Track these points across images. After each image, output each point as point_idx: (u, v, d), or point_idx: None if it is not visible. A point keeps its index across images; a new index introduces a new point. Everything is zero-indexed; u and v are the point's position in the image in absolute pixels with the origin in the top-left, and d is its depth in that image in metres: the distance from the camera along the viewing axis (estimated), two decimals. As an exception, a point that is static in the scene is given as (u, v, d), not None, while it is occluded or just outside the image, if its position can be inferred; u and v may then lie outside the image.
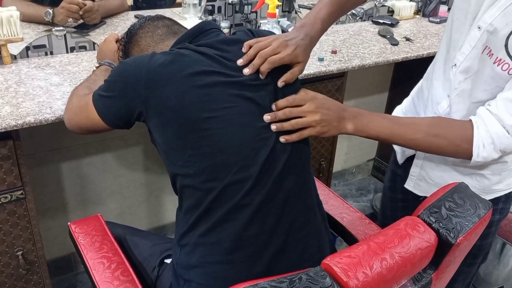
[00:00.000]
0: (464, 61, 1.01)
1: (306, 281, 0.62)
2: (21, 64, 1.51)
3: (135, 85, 0.91)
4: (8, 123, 1.17)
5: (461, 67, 1.02)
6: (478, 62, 0.99)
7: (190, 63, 0.91)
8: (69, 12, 1.58)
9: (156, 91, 0.90)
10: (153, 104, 0.91)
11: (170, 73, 0.90)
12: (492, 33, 0.94)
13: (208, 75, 0.91)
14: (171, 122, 0.90)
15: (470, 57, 1.00)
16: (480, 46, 0.97)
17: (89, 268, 1.04)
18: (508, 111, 0.92)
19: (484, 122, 0.95)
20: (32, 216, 1.32)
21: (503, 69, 0.94)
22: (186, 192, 0.93)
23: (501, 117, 0.93)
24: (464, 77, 1.02)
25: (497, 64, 0.94)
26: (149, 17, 1.15)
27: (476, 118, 0.97)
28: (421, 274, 0.78)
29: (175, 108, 0.89)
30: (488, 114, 0.95)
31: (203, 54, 0.94)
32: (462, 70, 1.02)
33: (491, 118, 0.94)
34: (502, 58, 0.94)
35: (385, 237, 0.72)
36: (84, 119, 1.02)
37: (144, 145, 1.83)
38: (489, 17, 0.94)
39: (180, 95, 0.89)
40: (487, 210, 0.81)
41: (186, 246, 0.95)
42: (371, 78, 2.40)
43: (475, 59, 0.99)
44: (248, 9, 1.87)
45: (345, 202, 1.30)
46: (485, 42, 0.96)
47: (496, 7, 0.93)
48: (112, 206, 1.88)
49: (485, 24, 0.95)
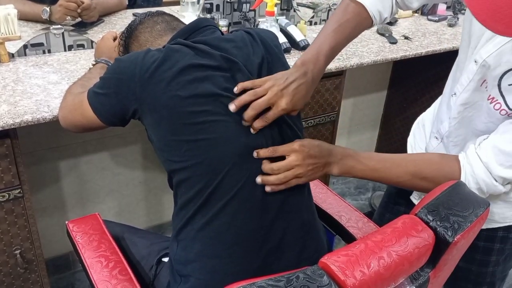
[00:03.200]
0: (463, 92, 0.98)
1: (304, 280, 0.62)
2: (19, 62, 1.51)
3: (130, 83, 0.91)
4: (6, 122, 1.17)
5: (460, 99, 0.99)
6: (477, 94, 0.96)
7: (180, 58, 0.91)
8: (67, 10, 1.57)
9: (149, 88, 0.90)
10: (147, 101, 0.91)
11: (163, 70, 0.90)
12: (487, 69, 0.91)
13: (198, 68, 0.91)
14: (165, 119, 0.90)
15: (468, 89, 0.97)
16: (478, 80, 0.95)
17: (86, 267, 1.04)
18: (497, 160, 0.89)
19: (472, 168, 0.92)
20: (30, 214, 1.32)
21: (496, 108, 0.91)
22: (183, 186, 0.93)
23: (490, 166, 0.90)
24: (464, 107, 0.99)
25: (490, 102, 0.92)
26: (150, 13, 1.15)
27: (464, 161, 0.93)
28: (419, 273, 0.78)
29: (167, 105, 0.89)
30: (477, 160, 0.91)
31: (194, 48, 0.94)
32: (462, 102, 0.99)
33: (479, 165, 0.91)
34: (495, 96, 0.91)
35: (383, 235, 0.72)
36: (79, 116, 1.02)
37: (142, 143, 1.83)
38: (485, 52, 0.91)
39: (171, 91, 0.89)
40: (485, 209, 0.81)
41: (184, 240, 0.95)
42: (369, 77, 2.40)
43: (474, 91, 0.96)
44: (246, 7, 1.87)
45: (343, 201, 1.30)
46: (482, 76, 0.94)
47: (493, 43, 0.90)
48: (111, 204, 1.88)
49: (481, 59, 0.92)
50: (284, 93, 0.89)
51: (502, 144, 0.88)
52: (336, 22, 1.01)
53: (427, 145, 1.15)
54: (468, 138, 1.02)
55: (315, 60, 0.95)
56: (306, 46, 1.76)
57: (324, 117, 1.81)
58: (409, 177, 0.96)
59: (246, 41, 0.99)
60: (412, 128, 1.30)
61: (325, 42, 0.97)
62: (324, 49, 0.96)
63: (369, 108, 2.52)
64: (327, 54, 0.97)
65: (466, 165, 0.93)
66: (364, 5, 1.03)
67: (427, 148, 1.16)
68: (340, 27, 1.00)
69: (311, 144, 0.93)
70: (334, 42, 0.98)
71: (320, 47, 0.97)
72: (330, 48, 0.97)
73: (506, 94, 0.89)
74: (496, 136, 0.91)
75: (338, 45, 1.00)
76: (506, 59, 0.88)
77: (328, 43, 0.97)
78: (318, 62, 0.95)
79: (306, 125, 1.77)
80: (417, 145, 1.24)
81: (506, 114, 0.90)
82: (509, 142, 0.88)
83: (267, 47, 1.00)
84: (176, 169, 0.93)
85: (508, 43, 0.88)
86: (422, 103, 2.28)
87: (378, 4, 1.05)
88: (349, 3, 1.04)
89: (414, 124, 1.30)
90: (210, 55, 0.93)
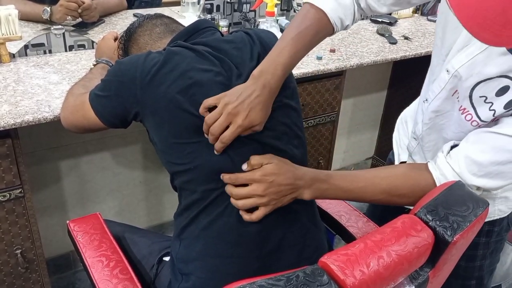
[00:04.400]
0: (435, 100, 0.97)
1: (303, 279, 0.62)
2: (20, 62, 1.51)
3: (131, 85, 0.91)
4: (7, 122, 1.17)
5: (432, 106, 0.98)
6: (448, 103, 0.95)
7: (180, 61, 0.92)
8: (68, 10, 1.58)
9: (150, 91, 0.90)
10: (148, 104, 0.91)
11: (164, 73, 0.90)
12: (459, 79, 0.90)
13: (198, 73, 0.91)
14: (166, 122, 0.91)
15: (440, 97, 0.96)
16: (449, 89, 0.93)
17: (87, 266, 1.05)
18: (469, 170, 0.87)
19: (446, 178, 0.90)
20: (30, 214, 1.32)
21: (467, 119, 0.90)
22: (187, 188, 0.94)
23: (463, 176, 0.88)
24: (435, 115, 0.98)
25: (461, 112, 0.91)
26: (148, 15, 1.15)
27: (437, 173, 0.91)
28: (418, 272, 0.78)
29: (169, 108, 0.90)
30: (450, 170, 0.89)
31: (194, 51, 0.94)
32: (433, 109, 0.98)
33: (452, 175, 0.89)
34: (466, 107, 0.90)
35: (382, 235, 0.72)
36: (80, 118, 1.02)
37: (143, 143, 1.84)
38: (457, 62, 0.89)
39: (172, 95, 0.89)
40: (484, 208, 0.81)
41: (187, 239, 0.95)
42: (369, 77, 2.41)
43: (445, 100, 0.95)
44: (246, 8, 1.87)
45: (343, 200, 1.30)
46: (454, 86, 0.92)
47: (465, 53, 0.88)
48: (111, 204, 1.88)
49: (453, 69, 0.90)
50: (240, 110, 0.85)
51: (474, 154, 0.87)
52: (295, 29, 0.95)
53: (408, 144, 1.15)
54: (439, 145, 1.00)
55: (273, 70, 0.90)
56: (306, 46, 1.77)
57: (324, 117, 1.82)
58: (385, 195, 0.94)
59: (245, 42, 0.99)
60: (396, 123, 1.30)
61: (283, 52, 0.92)
62: (282, 58, 0.91)
63: (369, 108, 2.52)
64: (285, 63, 0.91)
65: (439, 176, 0.91)
66: (325, 12, 0.98)
67: (408, 147, 1.16)
68: (300, 34, 0.94)
69: (274, 171, 0.88)
70: (293, 50, 0.92)
71: (278, 56, 0.91)
72: (288, 57, 0.91)
73: (477, 106, 0.88)
74: (467, 146, 0.89)
75: (297, 54, 0.94)
76: (477, 71, 0.86)
77: (287, 52, 0.91)
78: (276, 72, 0.90)
79: (306, 125, 1.78)
80: (401, 141, 1.24)
81: (477, 126, 0.89)
82: (481, 152, 0.86)
83: (266, 47, 1.00)
84: (179, 171, 0.93)
85: (480, 54, 0.86)
86: (422, 103, 2.28)
87: (339, 11, 1.00)
88: (308, 9, 0.99)
89: (398, 120, 1.30)
90: (210, 59, 0.93)
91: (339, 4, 1.00)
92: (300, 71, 1.60)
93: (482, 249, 1.12)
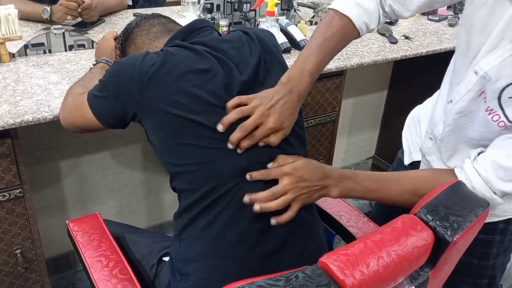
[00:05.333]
0: (460, 101, 0.96)
1: (303, 279, 0.62)
2: (20, 62, 1.51)
3: (129, 86, 0.91)
4: (6, 122, 1.17)
5: (457, 107, 0.97)
6: (473, 104, 0.95)
7: (178, 62, 0.91)
8: (68, 10, 1.58)
9: (148, 92, 0.90)
10: (146, 105, 0.91)
11: (161, 74, 0.90)
12: (488, 81, 0.90)
13: (197, 74, 0.91)
14: (165, 123, 0.90)
15: (466, 99, 0.95)
16: (476, 91, 0.93)
17: (87, 266, 1.04)
18: (497, 175, 0.88)
19: (472, 183, 0.90)
20: (30, 214, 1.32)
21: (494, 120, 0.90)
22: (187, 189, 0.94)
23: (490, 180, 0.89)
24: (459, 116, 0.98)
25: (488, 113, 0.91)
26: (146, 15, 1.15)
27: (462, 177, 0.92)
28: (418, 272, 0.78)
29: (167, 110, 0.89)
30: (476, 175, 0.90)
31: (192, 50, 0.94)
32: (458, 111, 0.98)
33: (478, 180, 0.90)
34: (493, 108, 0.90)
35: (382, 235, 0.72)
36: (79, 118, 1.02)
37: (143, 143, 1.83)
38: (486, 64, 0.89)
39: (171, 96, 0.89)
40: (484, 209, 0.81)
41: (186, 239, 0.95)
42: (370, 76, 2.40)
43: (471, 101, 0.94)
44: (247, 7, 1.87)
45: (343, 200, 1.30)
46: (482, 88, 0.92)
47: (494, 56, 0.88)
48: (111, 204, 1.88)
49: (482, 71, 0.90)
50: (271, 112, 0.88)
51: (501, 159, 0.88)
52: (321, 36, 0.98)
53: (422, 145, 1.15)
54: (458, 145, 1.01)
55: (300, 77, 0.94)
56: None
57: (325, 117, 1.81)
58: (409, 196, 0.95)
59: (243, 41, 0.99)
60: (406, 121, 1.29)
61: (309, 58, 0.95)
62: (309, 65, 0.95)
63: (370, 108, 2.52)
64: (312, 70, 0.95)
65: (465, 181, 0.92)
66: (350, 18, 1.01)
67: (422, 148, 1.15)
68: (325, 41, 0.98)
69: (304, 167, 0.91)
70: (319, 57, 0.96)
71: (305, 63, 0.95)
72: (315, 64, 0.95)
73: (506, 107, 0.89)
74: (493, 151, 0.90)
75: (324, 60, 0.98)
76: (507, 72, 0.86)
77: (313, 59, 0.95)
78: (303, 78, 0.94)
79: (307, 125, 1.77)
80: (413, 140, 1.23)
81: (504, 126, 0.89)
82: (507, 157, 0.87)
83: (265, 46, 1.00)
84: (178, 172, 0.93)
85: (510, 57, 0.86)
86: (423, 103, 2.28)
87: (364, 16, 1.02)
88: (333, 15, 1.01)
89: (409, 118, 1.28)
90: (209, 59, 0.93)
91: (364, 9, 1.02)
92: (300, 70, 1.59)
93: (496, 247, 1.12)
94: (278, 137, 0.91)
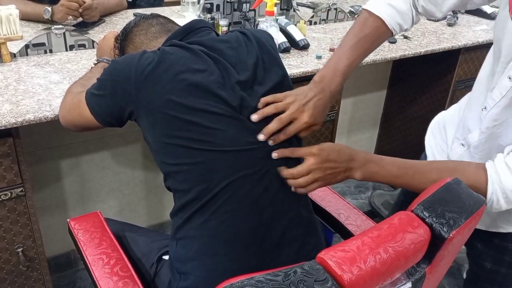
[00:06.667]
0: (494, 107, 0.95)
1: (301, 275, 0.63)
2: (21, 62, 1.52)
3: (125, 85, 0.92)
4: (8, 121, 1.18)
5: (491, 113, 0.96)
6: (507, 111, 0.94)
7: (174, 61, 0.92)
8: (69, 10, 1.59)
9: (144, 91, 0.91)
10: (142, 103, 0.92)
11: (157, 73, 0.91)
12: None
13: (193, 74, 0.92)
14: (159, 122, 0.91)
15: (499, 105, 0.94)
16: (510, 97, 0.92)
17: (88, 264, 1.05)
18: None
19: (500, 178, 0.90)
20: (32, 213, 1.33)
21: None
22: (181, 188, 0.94)
23: None
24: (494, 124, 0.97)
25: None
26: (144, 15, 1.16)
27: (491, 171, 0.91)
28: (415, 268, 0.79)
29: (162, 109, 0.90)
30: (505, 169, 0.89)
31: (189, 50, 0.95)
32: (492, 118, 0.97)
33: (507, 174, 0.89)
34: None
35: (379, 231, 0.72)
36: (77, 116, 1.03)
37: (143, 142, 1.84)
38: None
39: (166, 95, 0.90)
40: (480, 206, 0.82)
41: (183, 239, 0.96)
42: (369, 76, 2.41)
43: (506, 107, 0.93)
44: (246, 7, 1.88)
45: (342, 199, 1.30)
46: None
47: None
48: (112, 203, 1.89)
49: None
50: (306, 108, 0.92)
51: None
52: (354, 37, 1.01)
53: (450, 151, 1.12)
54: (492, 152, 1.00)
55: (332, 77, 0.97)
56: (305, 45, 1.78)
57: (324, 116, 1.82)
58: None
59: (240, 42, 1.00)
60: (430, 126, 1.28)
61: (342, 59, 0.99)
62: (341, 65, 0.99)
63: (369, 107, 2.53)
64: (344, 71, 0.99)
65: (493, 174, 0.91)
66: (383, 19, 1.03)
67: (449, 153, 1.13)
68: (359, 42, 1.01)
69: (330, 148, 0.93)
70: (352, 58, 1.00)
71: (337, 64, 0.98)
72: (347, 64, 0.99)
73: None
74: None
75: (356, 61, 1.01)
76: None
77: (346, 59, 0.99)
78: (335, 78, 0.98)
79: (306, 124, 1.78)
80: (438, 146, 1.21)
81: None
82: None
83: (262, 46, 1.01)
84: (172, 171, 0.94)
85: None
86: (422, 102, 2.29)
87: (397, 17, 1.04)
88: (367, 17, 1.04)
89: (433, 123, 1.27)
90: (205, 59, 0.94)
91: (397, 10, 1.04)
92: (300, 70, 1.60)
93: None
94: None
